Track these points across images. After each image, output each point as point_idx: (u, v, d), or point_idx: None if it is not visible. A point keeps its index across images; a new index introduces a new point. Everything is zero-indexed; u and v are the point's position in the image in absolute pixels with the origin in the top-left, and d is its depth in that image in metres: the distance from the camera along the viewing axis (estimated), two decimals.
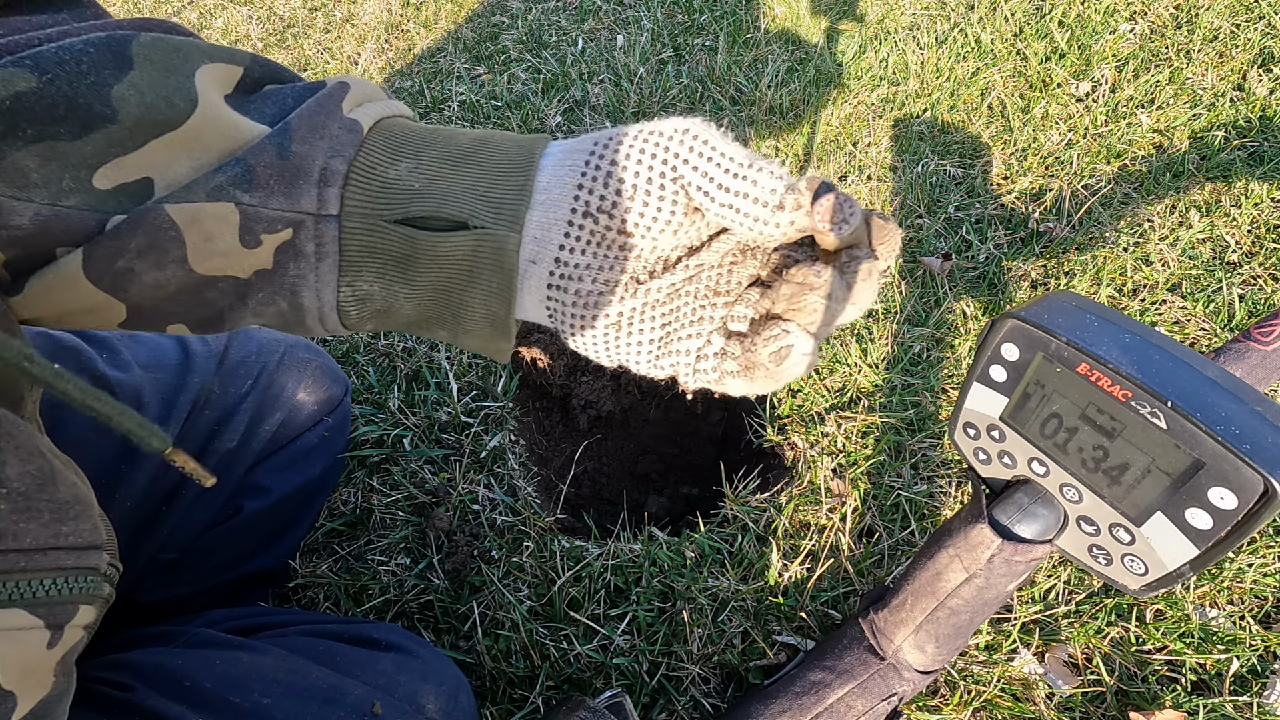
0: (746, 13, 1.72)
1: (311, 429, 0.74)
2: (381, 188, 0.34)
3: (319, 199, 0.34)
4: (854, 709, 0.59)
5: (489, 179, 0.35)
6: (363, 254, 0.35)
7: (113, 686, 0.46)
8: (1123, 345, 0.38)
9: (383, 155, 0.35)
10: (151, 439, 0.33)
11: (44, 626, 0.32)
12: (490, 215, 0.34)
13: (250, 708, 0.46)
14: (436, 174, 0.35)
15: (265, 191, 0.33)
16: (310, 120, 0.34)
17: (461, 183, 0.35)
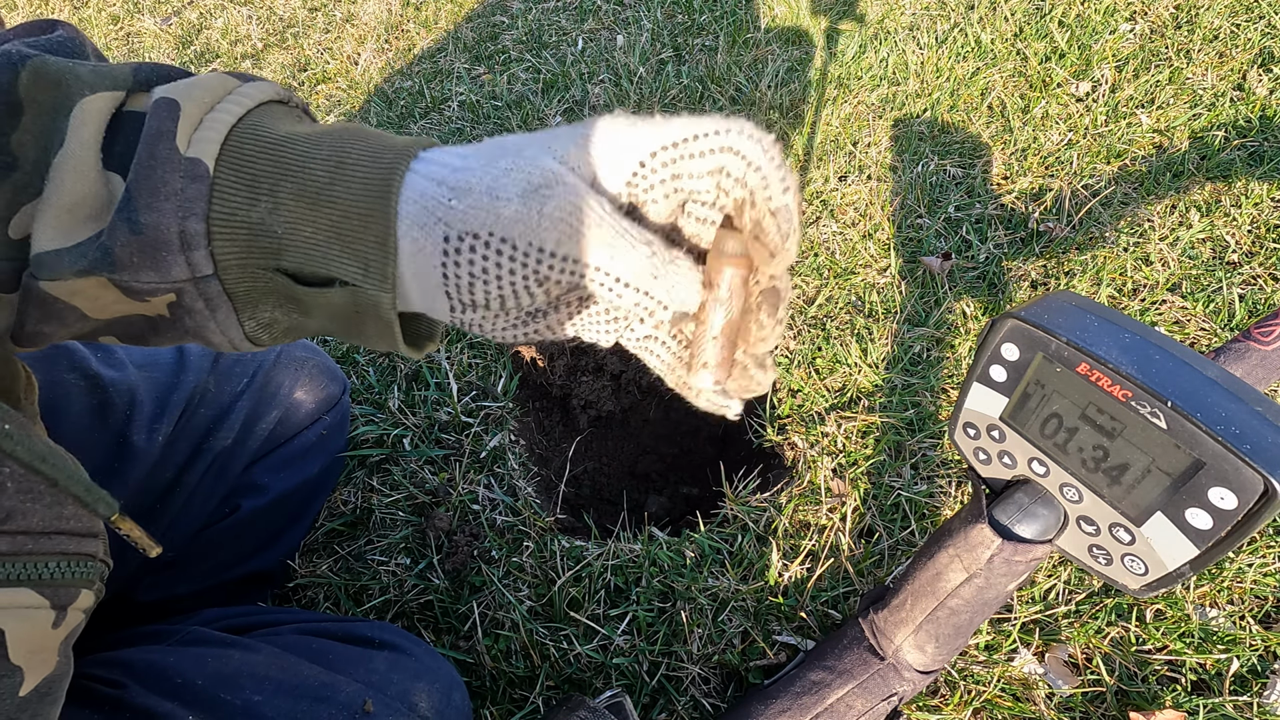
0: (746, 13, 1.72)
1: (309, 427, 0.74)
2: (248, 236, 0.33)
3: (189, 265, 0.32)
4: (854, 709, 0.59)
5: (349, 226, 0.32)
6: (254, 295, 0.34)
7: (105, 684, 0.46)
8: (1123, 345, 0.38)
9: (238, 199, 0.33)
10: (98, 504, 0.34)
11: (49, 607, 0.33)
12: (358, 273, 0.32)
13: (242, 705, 0.46)
14: (297, 217, 0.33)
15: (132, 270, 0.32)
16: (149, 179, 0.32)
17: (322, 230, 0.32)
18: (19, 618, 0.31)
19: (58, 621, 0.33)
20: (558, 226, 0.30)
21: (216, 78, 0.35)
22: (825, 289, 1.11)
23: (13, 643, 0.31)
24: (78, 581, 0.35)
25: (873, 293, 1.09)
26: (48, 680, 0.33)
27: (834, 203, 1.24)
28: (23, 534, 0.31)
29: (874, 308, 1.07)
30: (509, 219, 0.30)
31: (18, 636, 0.31)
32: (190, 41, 1.97)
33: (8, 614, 0.31)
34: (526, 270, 0.31)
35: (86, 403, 0.57)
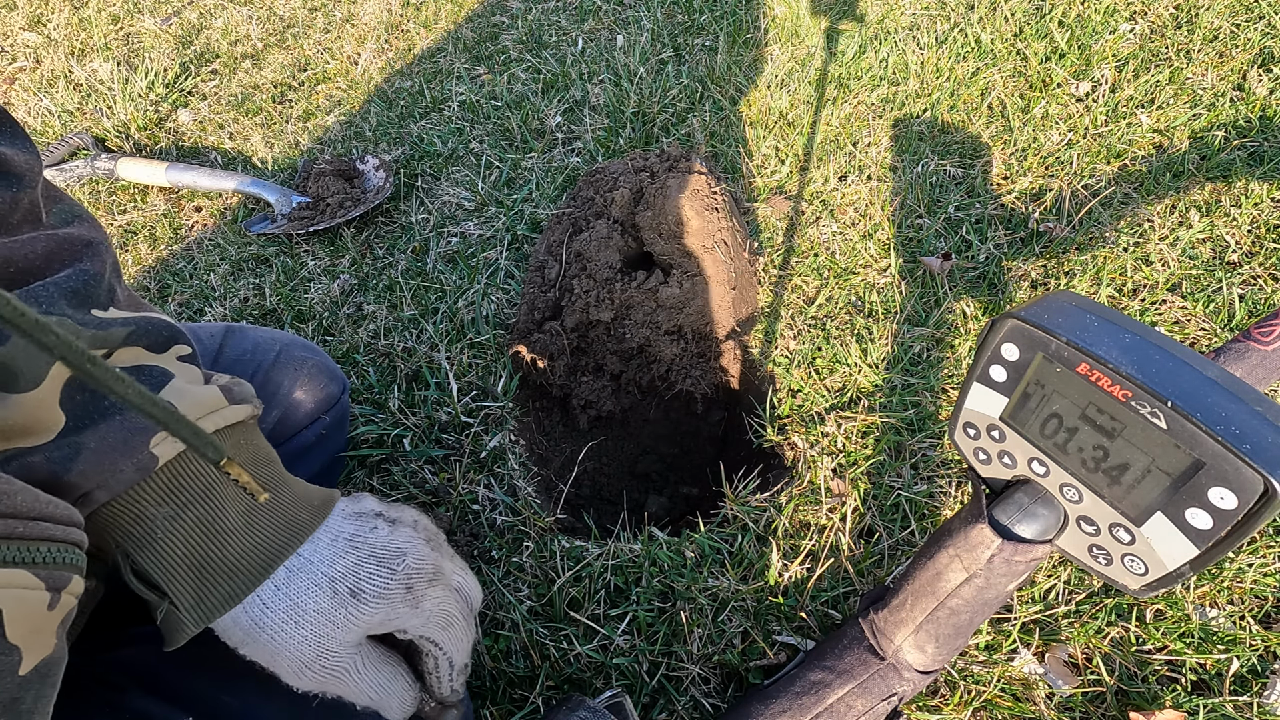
0: (746, 13, 1.72)
1: (309, 427, 0.74)
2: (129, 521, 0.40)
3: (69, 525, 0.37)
4: (854, 709, 0.59)
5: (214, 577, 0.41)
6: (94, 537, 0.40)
7: (105, 686, 0.46)
8: (1123, 345, 0.38)
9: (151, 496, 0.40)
10: (206, 448, 0.38)
11: (45, 589, 0.33)
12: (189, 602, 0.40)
13: (240, 706, 0.46)
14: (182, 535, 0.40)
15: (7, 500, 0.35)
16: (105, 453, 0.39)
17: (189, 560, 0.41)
18: (16, 598, 0.32)
19: (53, 603, 0.34)
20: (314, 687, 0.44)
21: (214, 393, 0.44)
22: (825, 289, 1.11)
23: (10, 622, 0.31)
24: (69, 566, 0.35)
25: (873, 293, 1.09)
26: (46, 662, 0.34)
27: (834, 203, 1.24)
28: (12, 516, 0.32)
29: (874, 308, 1.07)
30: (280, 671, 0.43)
31: (15, 616, 0.32)
32: (190, 41, 1.97)
33: (6, 593, 0.31)
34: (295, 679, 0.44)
35: None
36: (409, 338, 1.07)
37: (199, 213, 1.47)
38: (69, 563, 0.35)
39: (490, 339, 1.06)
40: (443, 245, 1.24)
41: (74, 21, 2.09)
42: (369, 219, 1.35)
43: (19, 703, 0.32)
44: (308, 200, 1.37)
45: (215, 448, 0.38)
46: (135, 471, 0.39)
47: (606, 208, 1.12)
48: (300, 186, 1.44)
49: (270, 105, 1.71)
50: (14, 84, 1.85)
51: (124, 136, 1.63)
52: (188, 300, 1.23)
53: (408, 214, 1.33)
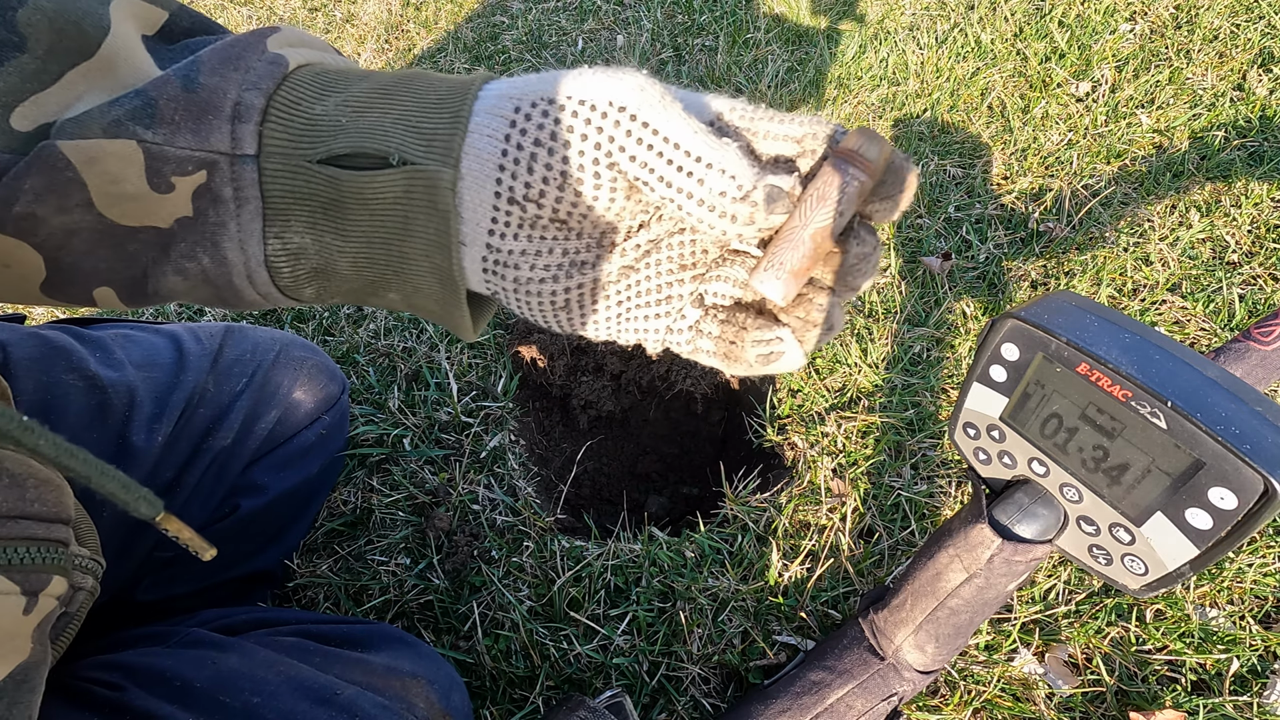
0: (746, 13, 1.72)
1: (309, 427, 0.74)
2: (305, 125, 0.30)
3: (233, 137, 0.30)
4: (854, 709, 0.59)
5: (421, 108, 0.30)
6: (287, 199, 0.31)
7: (104, 686, 0.46)
8: (1123, 345, 0.38)
9: (308, 90, 0.31)
10: (139, 503, 0.32)
11: (19, 593, 0.32)
12: (421, 149, 0.29)
13: (241, 707, 0.46)
14: (366, 106, 0.31)
15: (170, 128, 0.29)
16: (225, 53, 0.30)
17: (391, 114, 0.30)
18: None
19: (29, 608, 0.33)
20: (642, 95, 0.28)
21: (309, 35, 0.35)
22: None
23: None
24: (49, 567, 0.34)
25: (873, 293, 1.09)
26: (22, 668, 0.32)
27: None
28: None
29: (874, 308, 1.07)
30: (591, 85, 0.28)
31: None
32: None
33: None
34: (602, 135, 0.28)
35: (85, 403, 0.57)
36: (409, 338, 1.07)
37: None
38: (50, 563, 0.34)
39: (490, 339, 1.06)
40: None
41: None
42: None
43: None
44: None
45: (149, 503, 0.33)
46: (270, 66, 0.31)
47: None
48: None
49: None
50: None
51: None
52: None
53: None
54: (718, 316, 0.32)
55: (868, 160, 0.27)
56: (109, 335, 0.63)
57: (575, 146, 0.28)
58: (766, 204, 0.27)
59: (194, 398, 0.64)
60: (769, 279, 0.28)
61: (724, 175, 0.28)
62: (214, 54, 0.30)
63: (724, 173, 0.28)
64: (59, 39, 0.30)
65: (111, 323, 0.67)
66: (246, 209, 0.30)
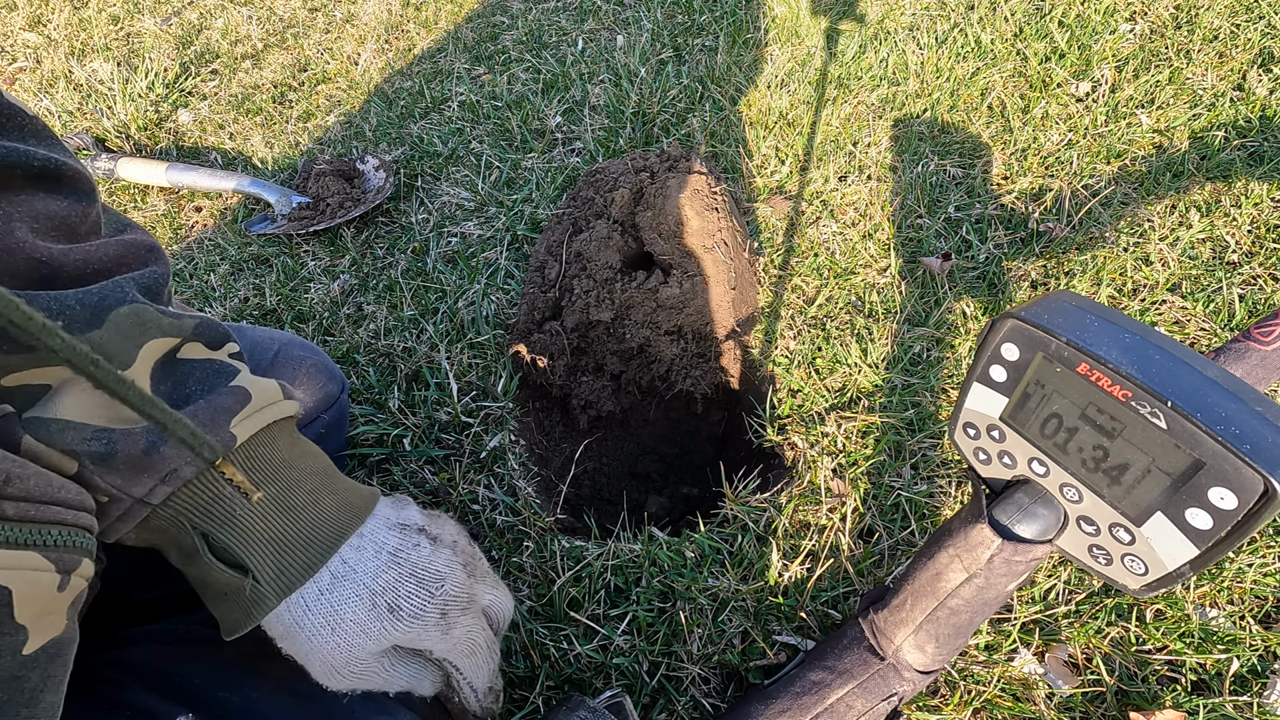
0: (746, 13, 1.72)
1: (307, 426, 0.74)
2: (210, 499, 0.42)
3: (150, 490, 0.39)
4: (854, 709, 0.59)
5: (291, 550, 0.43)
6: (157, 534, 0.42)
7: (104, 682, 0.46)
8: (1123, 345, 0.38)
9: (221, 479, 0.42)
10: (203, 448, 0.39)
11: (55, 570, 0.34)
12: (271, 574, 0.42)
13: (239, 703, 0.46)
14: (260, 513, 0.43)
15: (109, 473, 0.39)
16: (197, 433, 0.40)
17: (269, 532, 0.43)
18: (26, 579, 0.32)
19: (62, 585, 0.35)
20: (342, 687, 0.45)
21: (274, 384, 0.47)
22: (825, 289, 1.11)
23: (19, 602, 0.32)
24: (78, 550, 0.36)
25: (873, 293, 1.09)
26: (55, 642, 0.34)
27: (834, 203, 1.24)
28: (25, 499, 0.33)
29: (874, 308, 1.07)
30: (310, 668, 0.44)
31: (24, 597, 0.32)
32: (190, 41, 1.97)
33: (15, 575, 0.32)
34: None
35: None
36: (409, 338, 1.07)
37: (199, 213, 1.47)
38: (79, 546, 0.36)
39: (490, 339, 1.06)
40: (443, 245, 1.24)
41: (74, 22, 2.09)
42: (369, 219, 1.35)
43: (23, 680, 0.32)
44: (308, 200, 1.37)
45: (211, 448, 0.40)
46: (219, 447, 0.41)
47: (606, 208, 1.12)
48: (300, 187, 1.44)
49: (270, 105, 1.71)
50: (14, 84, 1.85)
51: (124, 137, 1.63)
52: (188, 300, 1.23)
53: (408, 214, 1.33)
54: None
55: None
56: None
57: None
58: None
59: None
60: None
61: None
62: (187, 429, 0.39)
63: None
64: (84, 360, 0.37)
65: None
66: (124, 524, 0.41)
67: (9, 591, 0.31)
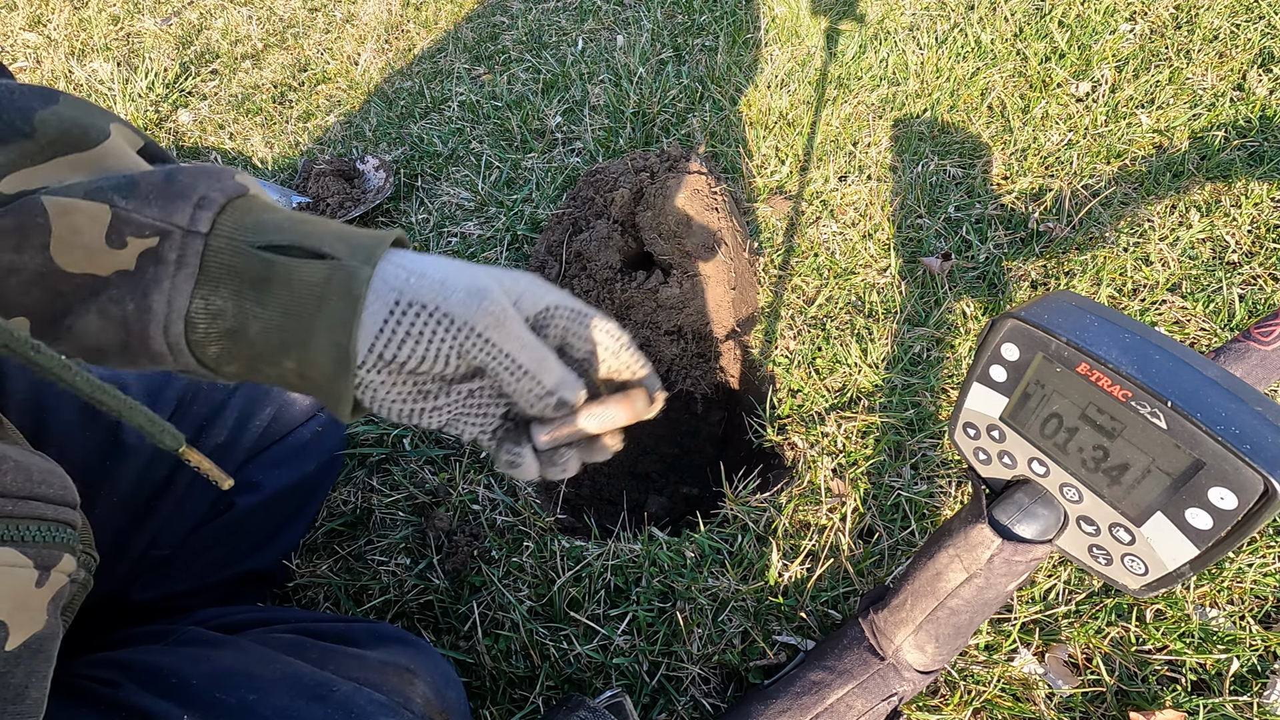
0: (746, 13, 1.72)
1: (304, 424, 0.74)
2: (253, 223, 0.37)
3: (192, 217, 0.36)
4: (854, 709, 0.59)
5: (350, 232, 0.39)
6: (222, 271, 0.37)
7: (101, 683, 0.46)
8: (1123, 345, 0.38)
9: (258, 204, 0.39)
10: (163, 436, 0.36)
11: (33, 566, 0.34)
12: (347, 251, 0.37)
13: (237, 704, 0.46)
14: (304, 221, 0.38)
15: (142, 201, 0.35)
16: (203, 167, 0.38)
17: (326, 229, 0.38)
18: (3, 575, 0.32)
19: (41, 581, 0.35)
20: (488, 318, 0.38)
21: None
22: (825, 289, 1.10)
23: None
24: (59, 545, 0.36)
25: (873, 293, 1.09)
26: (37, 638, 0.34)
27: (834, 203, 1.24)
28: (2, 495, 0.33)
29: (874, 308, 1.07)
30: (455, 302, 0.37)
31: (2, 593, 0.32)
32: (190, 41, 1.97)
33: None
34: (456, 341, 0.38)
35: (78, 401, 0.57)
36: None
37: None
38: (60, 541, 0.36)
39: None
40: (443, 245, 1.24)
41: (74, 22, 2.09)
42: (369, 219, 1.35)
43: (8, 677, 0.32)
44: (308, 200, 1.37)
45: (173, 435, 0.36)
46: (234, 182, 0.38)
47: (606, 208, 1.12)
48: (300, 186, 1.44)
49: (270, 105, 1.71)
50: None
51: None
52: None
53: (408, 214, 1.33)
54: (508, 426, 0.43)
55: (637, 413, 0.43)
56: None
57: (434, 345, 0.38)
58: (555, 408, 0.40)
59: (187, 394, 0.64)
60: (541, 437, 0.42)
61: (534, 379, 0.39)
62: (195, 166, 0.38)
63: (534, 378, 0.39)
64: (63, 136, 0.36)
65: None
66: (184, 271, 0.36)
67: None
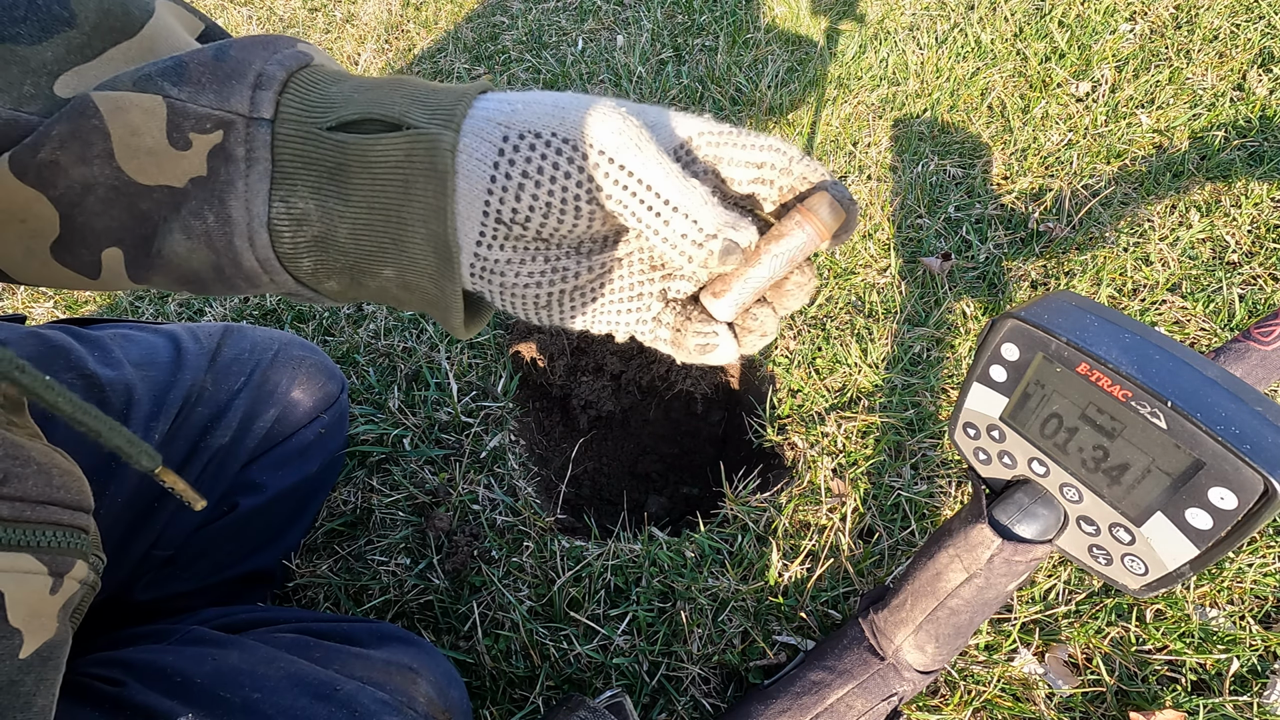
0: (746, 13, 1.72)
1: (307, 426, 0.74)
2: (319, 98, 0.33)
3: (251, 101, 0.32)
4: (854, 709, 0.59)
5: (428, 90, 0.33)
6: (296, 163, 0.32)
7: (104, 682, 0.46)
8: (1123, 345, 0.38)
9: (324, 74, 0.34)
10: (140, 456, 0.34)
11: (47, 573, 0.34)
12: (424, 116, 0.32)
13: (241, 703, 0.46)
14: (374, 86, 0.33)
15: (195, 87, 0.31)
16: (257, 38, 0.33)
17: (398, 92, 0.33)
18: (18, 581, 0.32)
19: (55, 588, 0.34)
20: (620, 138, 0.30)
21: None
22: (825, 289, 1.11)
23: (11, 605, 0.31)
24: (73, 551, 0.35)
25: (873, 293, 1.09)
26: (48, 645, 0.34)
27: None
28: (20, 500, 0.32)
29: (874, 308, 1.07)
30: (573, 123, 0.31)
31: (16, 599, 0.32)
32: None
33: (7, 577, 0.31)
34: (583, 175, 0.31)
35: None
36: (409, 338, 1.07)
37: None
38: (74, 548, 0.35)
39: (490, 339, 1.06)
40: None
41: None
42: None
43: (19, 685, 0.32)
44: None
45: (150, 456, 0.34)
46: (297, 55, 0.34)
47: None
48: None
49: None
50: None
51: None
52: (188, 300, 1.23)
53: None
54: (674, 309, 0.36)
55: (826, 226, 0.32)
56: (107, 335, 0.63)
57: (559, 183, 0.31)
58: (721, 255, 0.31)
59: (192, 396, 0.64)
60: (720, 306, 0.33)
61: (687, 220, 0.31)
62: (247, 37, 0.33)
63: (687, 217, 0.31)
64: (105, 18, 0.33)
65: (110, 323, 0.67)
66: (256, 169, 0.32)
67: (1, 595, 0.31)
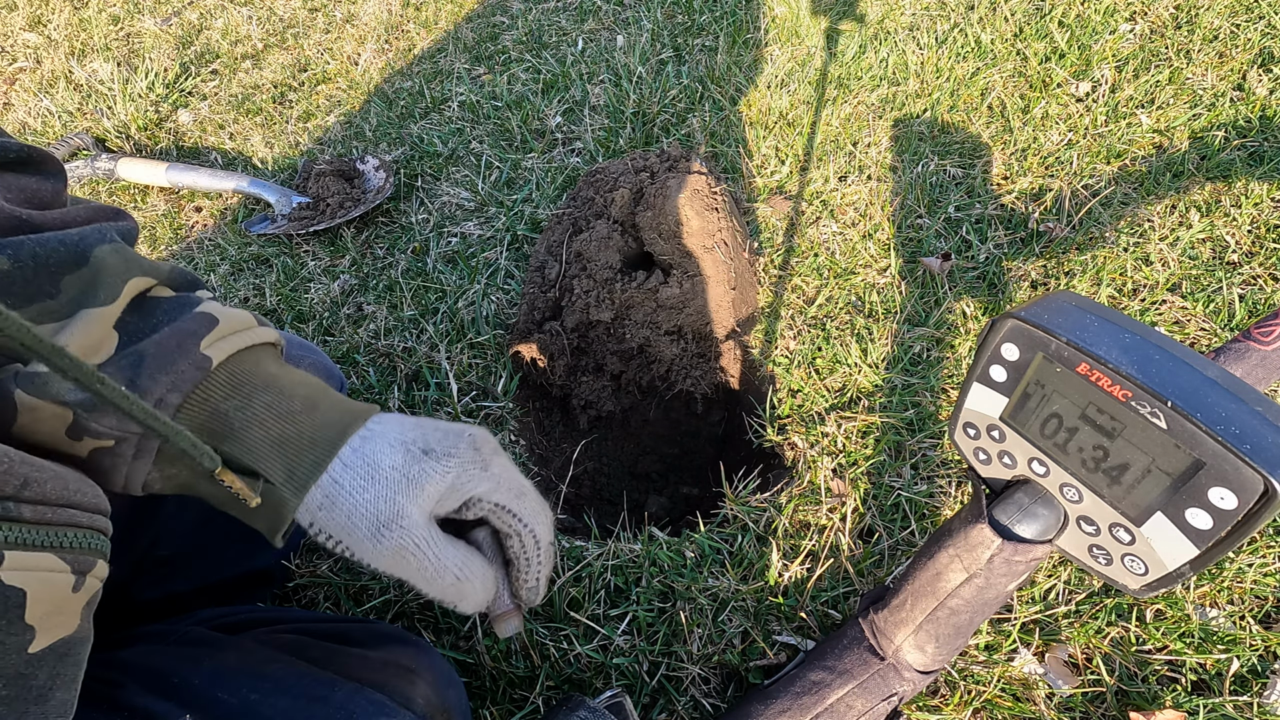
0: (746, 13, 1.72)
1: None
2: (208, 416, 0.42)
3: None
4: (854, 709, 0.59)
5: (297, 451, 0.42)
6: (176, 461, 0.43)
7: (102, 683, 0.46)
8: (1123, 345, 0.38)
9: (218, 391, 0.43)
10: (203, 458, 0.39)
11: (70, 571, 0.35)
12: (283, 476, 0.42)
13: (238, 704, 0.46)
14: (258, 421, 0.42)
15: (103, 414, 0.40)
16: (164, 356, 0.41)
17: (270, 437, 0.42)
18: (42, 580, 0.33)
19: (77, 586, 0.35)
20: (389, 555, 0.42)
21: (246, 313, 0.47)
22: (825, 289, 1.11)
23: (32, 603, 0.32)
24: (92, 551, 0.36)
25: (873, 293, 1.09)
26: (65, 641, 0.35)
27: (834, 203, 1.24)
28: (41, 503, 0.34)
29: (874, 308, 1.07)
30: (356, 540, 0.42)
31: (39, 597, 0.33)
32: (190, 42, 1.97)
33: (32, 576, 0.32)
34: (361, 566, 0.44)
35: None
36: (409, 338, 1.07)
37: (199, 213, 1.47)
38: (94, 548, 0.36)
39: (490, 339, 1.06)
40: (443, 245, 1.24)
41: (74, 22, 2.09)
42: (369, 219, 1.35)
43: (29, 678, 0.33)
44: (308, 200, 1.37)
45: (210, 457, 0.39)
46: (195, 370, 0.42)
47: (606, 208, 1.12)
48: (300, 187, 1.44)
49: (270, 105, 1.71)
50: (14, 84, 1.85)
51: (124, 137, 1.63)
52: None
53: (408, 214, 1.33)
54: None
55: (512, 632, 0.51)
56: None
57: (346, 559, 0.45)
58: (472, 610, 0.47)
59: None
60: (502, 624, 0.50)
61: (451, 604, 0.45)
62: (156, 358, 0.41)
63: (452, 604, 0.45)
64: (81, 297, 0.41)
65: None
66: (141, 460, 0.41)
67: (24, 593, 0.32)
